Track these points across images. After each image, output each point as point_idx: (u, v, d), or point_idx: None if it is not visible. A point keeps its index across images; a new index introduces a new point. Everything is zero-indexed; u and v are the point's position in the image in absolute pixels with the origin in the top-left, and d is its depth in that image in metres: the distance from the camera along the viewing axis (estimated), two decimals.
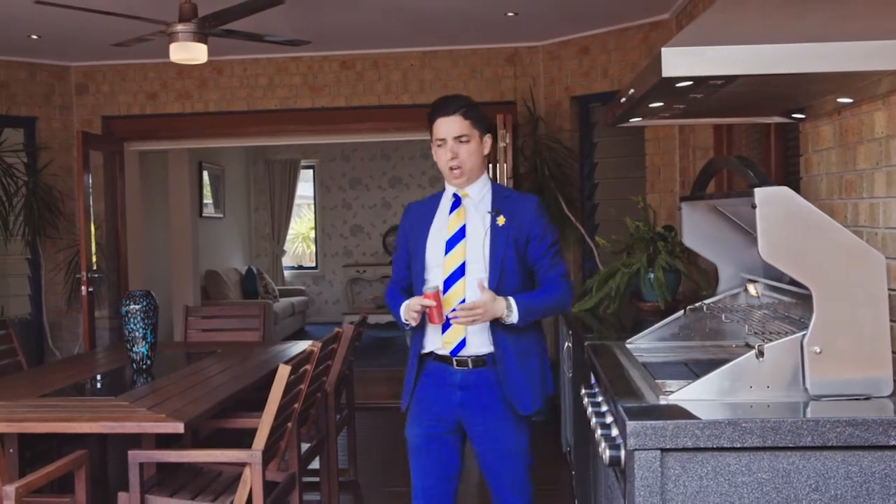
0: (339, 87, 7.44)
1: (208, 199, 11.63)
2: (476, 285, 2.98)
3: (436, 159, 3.17)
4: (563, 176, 6.85)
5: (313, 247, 14.24)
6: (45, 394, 4.04)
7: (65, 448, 4.59)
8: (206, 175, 11.45)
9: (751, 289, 3.14)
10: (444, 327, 3.06)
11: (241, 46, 6.29)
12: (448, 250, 3.08)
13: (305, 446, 4.35)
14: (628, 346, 3.16)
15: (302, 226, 14.80)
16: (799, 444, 1.99)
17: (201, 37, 4.69)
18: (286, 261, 14.06)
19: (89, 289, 6.91)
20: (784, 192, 2.24)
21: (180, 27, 4.65)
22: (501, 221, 3.07)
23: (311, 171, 13.89)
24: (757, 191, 2.23)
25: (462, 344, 3.07)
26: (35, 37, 6.62)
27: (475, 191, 3.15)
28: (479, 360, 3.08)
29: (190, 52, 4.70)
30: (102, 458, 5.23)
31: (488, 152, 3.20)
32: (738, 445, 1.99)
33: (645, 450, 1.99)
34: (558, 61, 7.15)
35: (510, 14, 6.26)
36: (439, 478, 3.19)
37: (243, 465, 3.55)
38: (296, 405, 3.87)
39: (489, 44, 7.29)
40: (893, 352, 2.25)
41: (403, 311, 3.07)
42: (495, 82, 7.36)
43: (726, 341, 3.15)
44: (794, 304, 2.74)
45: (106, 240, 7.62)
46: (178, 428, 3.40)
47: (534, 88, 7.17)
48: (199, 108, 7.62)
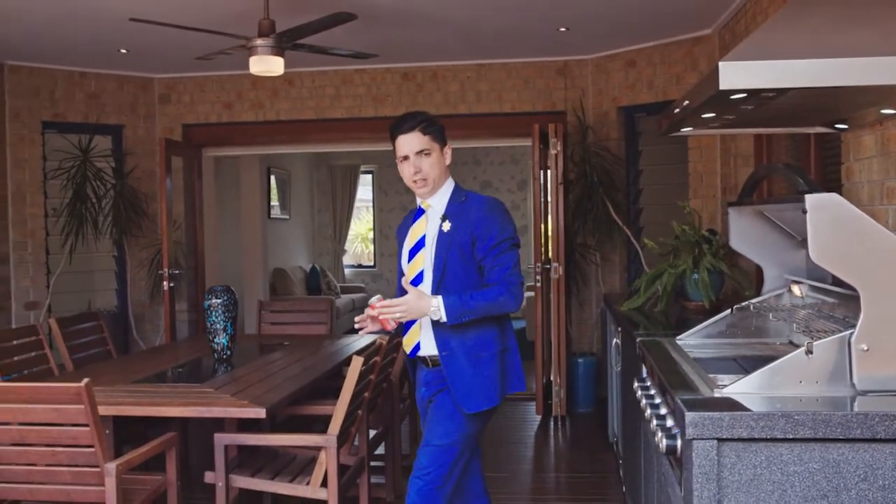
0: (401, 97, 7.49)
1: (275, 202, 11.77)
2: (404, 283, 3.06)
3: (401, 174, 3.16)
4: (610, 182, 6.84)
5: (372, 246, 14.33)
6: (137, 380, 4.15)
7: (149, 431, 4.71)
8: (273, 179, 11.59)
9: (795, 289, 3.13)
10: (404, 331, 3.18)
11: (310, 59, 6.37)
12: (410, 259, 3.15)
13: (372, 433, 4.40)
14: (678, 342, 3.16)
15: (361, 227, 14.92)
16: (849, 436, 1.98)
17: (278, 50, 4.77)
18: (347, 259, 14.17)
19: (170, 284, 7.03)
20: (833, 198, 2.23)
21: (259, 42, 4.73)
22: (447, 227, 3.07)
23: (370, 175, 13.99)
24: (808, 197, 2.23)
25: (418, 346, 3.15)
26: (124, 51, 6.76)
27: (436, 200, 3.15)
28: (434, 359, 3.12)
29: (268, 65, 4.78)
30: (184, 440, 5.34)
31: (449, 162, 3.18)
32: (791, 437, 1.98)
33: (703, 439, 2.00)
34: (606, 74, 7.14)
35: (562, 30, 6.27)
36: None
37: (318, 448, 3.62)
38: (366, 394, 3.92)
39: (541, 57, 7.29)
40: None
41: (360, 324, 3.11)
42: (546, 93, 7.36)
43: (771, 339, 3.14)
44: (837, 304, 2.73)
45: (185, 239, 7.75)
46: (261, 413, 3.47)
47: (583, 99, 7.16)
48: (271, 116, 7.73)
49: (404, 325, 3.14)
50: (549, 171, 6.64)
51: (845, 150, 3.31)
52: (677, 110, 2.85)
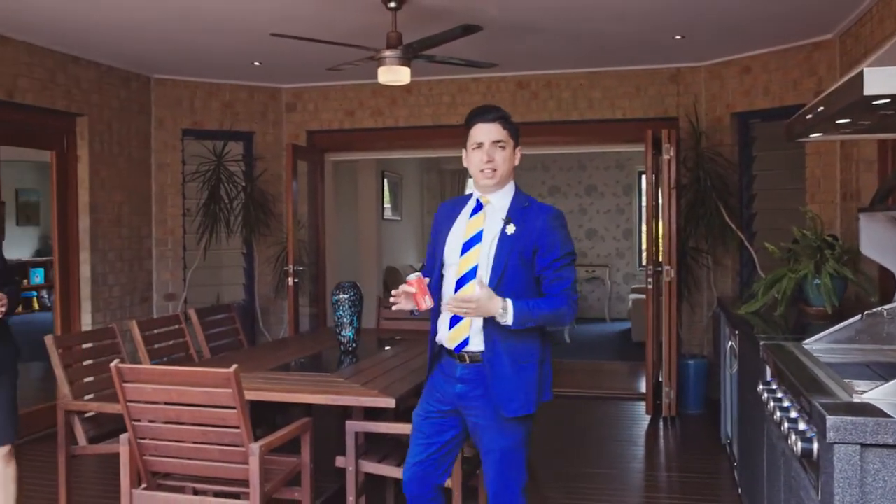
0: (515, 104, 7.49)
1: (387, 204, 11.94)
2: (477, 282, 2.90)
3: (466, 163, 3.10)
4: (723, 186, 6.68)
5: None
6: (272, 368, 4.27)
7: (277, 416, 4.84)
8: (386, 182, 11.76)
9: None
10: (452, 324, 3.03)
11: (428, 68, 6.42)
12: (464, 252, 3.01)
13: None
14: (805, 346, 3.06)
15: None
16: None
17: (405, 61, 4.84)
18: None
19: (294, 280, 7.22)
20: None
21: (388, 53, 4.81)
22: (511, 230, 2.96)
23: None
24: None
25: (465, 342, 3.02)
26: (257, 63, 6.98)
27: (497, 198, 3.05)
28: (474, 356, 3.01)
29: (395, 75, 4.86)
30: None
31: (517, 164, 3.09)
32: None
33: (845, 444, 1.93)
34: (720, 80, 6.97)
35: (678, 38, 6.16)
36: (420, 455, 3.15)
37: None
38: None
39: (654, 64, 7.18)
40: None
41: (394, 300, 3.05)
42: (658, 100, 7.25)
43: None
44: None
45: (308, 238, 7.94)
46: (391, 403, 3.52)
47: (696, 105, 7.02)
48: (390, 123, 7.84)
49: (451, 320, 3.03)
50: (661, 176, 6.54)
51: None
52: (810, 116, 2.77)
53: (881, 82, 2.07)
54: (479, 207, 3.06)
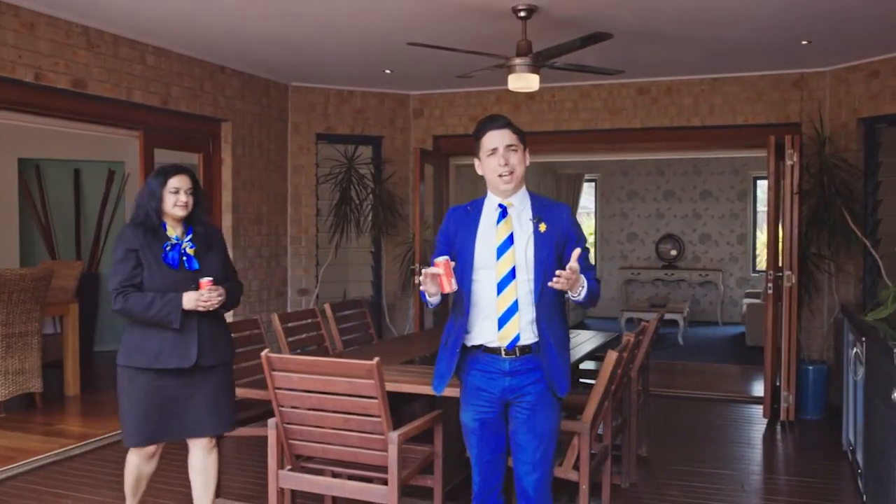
0: (636, 110, 7.40)
1: None
2: (521, 285, 2.99)
3: (482, 171, 3.12)
4: (847, 192, 6.40)
5: (592, 250, 14.24)
6: (405, 361, 4.36)
7: (403, 407, 4.92)
8: None
9: None
10: (501, 324, 3.02)
11: (551, 75, 6.41)
12: (499, 256, 3.03)
13: None
14: None
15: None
16: None
17: (535, 68, 4.85)
18: None
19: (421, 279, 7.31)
20: None
21: (518, 61, 4.83)
22: (543, 228, 3.05)
23: (592, 184, 13.91)
24: None
25: (517, 338, 3.04)
26: (388, 71, 7.13)
27: (518, 200, 3.10)
28: (525, 348, 3.05)
29: (525, 82, 4.87)
30: None
31: (527, 165, 3.12)
32: None
33: None
34: (846, 84, 6.69)
35: (804, 43, 5.94)
36: (491, 454, 3.17)
37: (572, 433, 3.65)
38: (612, 386, 3.91)
39: (776, 70, 6.95)
40: None
41: (422, 282, 3.02)
42: (781, 105, 7.01)
43: None
44: None
45: (432, 237, 8.04)
46: None
47: (821, 110, 6.75)
48: None
49: (500, 320, 3.03)
50: (783, 182, 6.32)
51: None
52: None
53: None
54: (505, 212, 3.09)
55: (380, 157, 8.08)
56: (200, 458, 3.81)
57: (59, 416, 6.53)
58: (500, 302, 3.03)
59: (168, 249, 3.59)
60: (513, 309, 3.02)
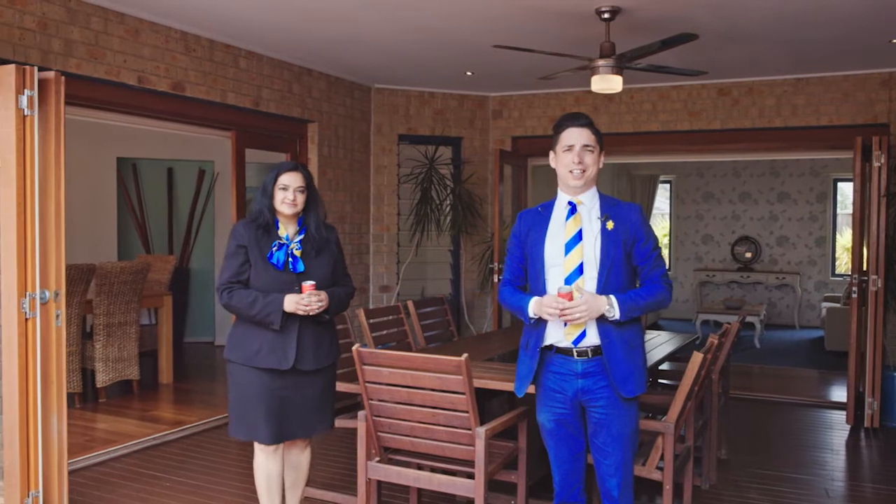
0: (716, 111, 7.24)
1: None
2: (574, 288, 2.93)
3: (555, 165, 3.11)
4: None
5: (666, 251, 14.00)
6: (486, 358, 4.36)
7: (483, 404, 4.92)
8: None
9: None
10: (565, 322, 2.98)
11: (629, 76, 6.33)
12: (567, 252, 3.02)
13: None
14: None
15: (656, 233, 14.64)
16: None
17: (618, 70, 4.79)
18: None
19: (499, 277, 7.32)
20: None
21: (601, 62, 4.78)
22: (611, 226, 3.03)
23: (667, 185, 13.68)
24: None
25: (582, 335, 3.00)
26: (469, 73, 7.14)
27: (587, 198, 3.08)
28: (597, 349, 3.01)
29: (608, 83, 4.82)
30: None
31: (601, 167, 3.10)
32: None
33: None
34: None
35: (894, 41, 5.73)
36: (570, 454, 3.16)
37: (656, 433, 3.60)
38: (696, 387, 3.84)
39: (864, 69, 6.72)
40: None
41: (536, 307, 2.99)
42: (868, 106, 6.77)
43: None
44: None
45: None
46: None
47: None
48: None
49: None
50: (869, 184, 6.11)
51: None
52: None
53: None
54: (574, 209, 3.08)
55: (459, 158, 8.09)
56: (295, 454, 3.80)
57: (154, 403, 6.74)
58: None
59: (275, 249, 3.51)
60: None
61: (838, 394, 7.28)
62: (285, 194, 3.50)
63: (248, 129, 6.45)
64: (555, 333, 3.06)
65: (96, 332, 6.62)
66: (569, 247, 3.03)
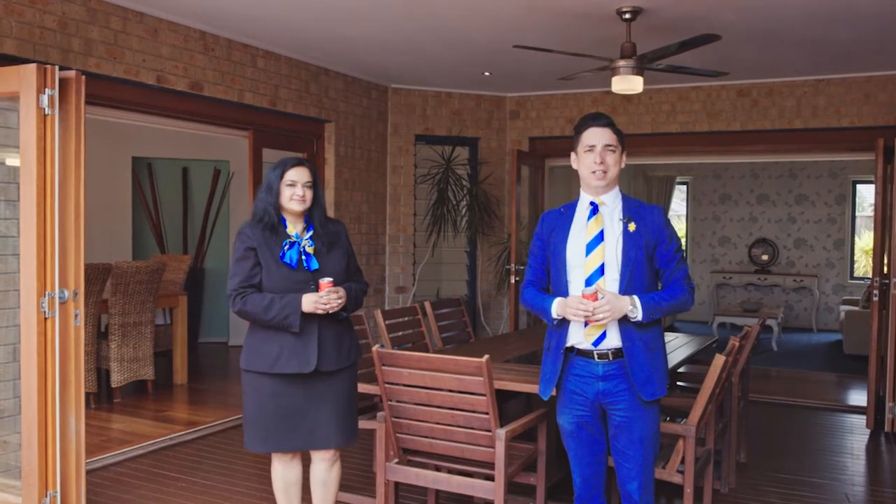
0: (735, 112, 7.21)
1: None
2: (596, 288, 2.91)
3: (577, 165, 3.11)
4: None
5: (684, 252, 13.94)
6: (506, 359, 4.35)
7: (500, 405, 4.90)
8: None
9: None
10: (586, 322, 2.96)
11: (648, 77, 6.28)
12: (588, 252, 3.01)
13: None
14: None
15: None
16: None
17: (639, 70, 4.77)
18: None
19: (516, 278, 7.29)
20: None
21: (622, 63, 4.76)
22: (632, 228, 3.01)
23: (684, 186, 13.62)
24: None
25: (602, 336, 2.98)
26: (487, 74, 7.13)
27: (610, 199, 3.07)
28: (618, 351, 2.99)
29: (629, 84, 4.80)
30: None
31: (623, 167, 3.11)
32: None
33: None
34: None
35: None
36: (591, 457, 3.15)
37: (677, 436, 3.58)
38: (717, 390, 3.82)
39: (886, 70, 6.67)
40: None
41: (560, 308, 2.98)
42: (890, 107, 6.72)
43: None
44: None
45: (528, 238, 8.01)
46: None
47: None
48: None
49: None
50: (891, 186, 6.05)
51: None
52: None
53: None
54: (595, 209, 3.07)
55: (476, 158, 8.08)
56: (323, 470, 3.61)
57: (169, 404, 6.76)
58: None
59: (286, 248, 3.39)
60: None
61: (857, 398, 7.22)
62: (294, 190, 3.39)
63: (266, 129, 6.46)
64: (576, 335, 3.05)
65: (111, 332, 6.65)
66: (590, 247, 3.02)
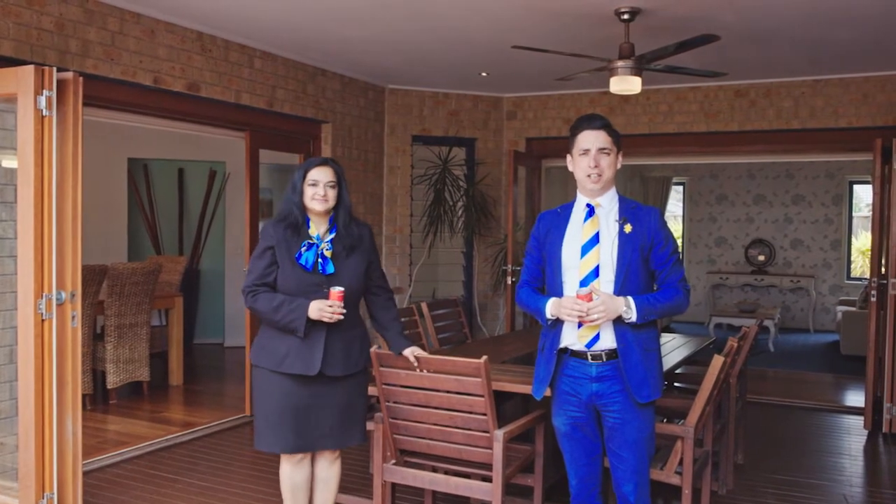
0: (733, 113, 7.23)
1: None
2: (591, 289, 2.92)
3: (573, 168, 3.11)
4: None
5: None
6: (503, 360, 4.36)
7: (498, 406, 4.91)
8: None
9: None
10: (580, 324, 2.98)
11: (646, 77, 6.29)
12: (584, 254, 3.02)
13: None
14: None
15: None
16: None
17: (637, 71, 4.79)
18: None
19: (512, 279, 7.29)
20: None
21: (620, 63, 4.78)
22: (628, 229, 3.01)
23: (680, 187, 13.65)
24: None
25: (596, 338, 2.99)
26: (484, 74, 7.15)
27: (606, 201, 3.08)
28: (611, 353, 3.00)
29: (627, 84, 4.82)
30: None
31: (619, 168, 3.10)
32: None
33: None
34: None
35: None
36: (587, 458, 3.16)
37: (674, 437, 3.59)
38: (714, 391, 3.83)
39: (884, 70, 6.68)
40: None
41: (554, 308, 3.00)
42: (888, 108, 6.74)
43: None
44: None
45: (524, 238, 8.02)
46: None
47: None
48: None
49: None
50: (889, 186, 6.08)
51: None
52: None
53: None
54: (592, 211, 3.08)
55: (473, 159, 8.09)
56: (324, 468, 3.66)
57: (165, 405, 6.76)
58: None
59: (304, 249, 3.38)
60: None
61: (855, 398, 7.25)
62: (315, 190, 3.39)
63: (262, 130, 6.47)
64: (569, 336, 3.07)
65: (107, 334, 6.65)
66: (585, 249, 3.04)
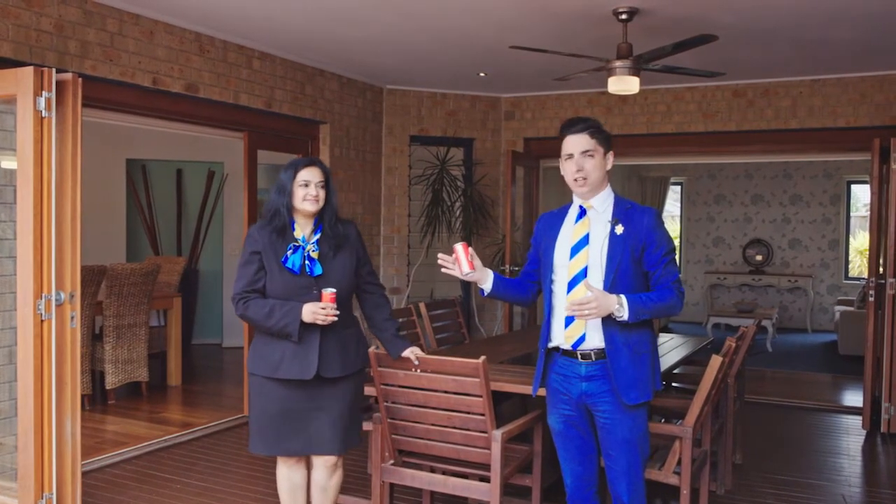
0: (731, 113, 7.24)
1: None
2: (585, 284, 2.95)
3: (562, 172, 3.11)
4: None
5: (676, 254, 13.96)
6: (501, 361, 4.38)
7: (496, 406, 4.92)
8: None
9: None
10: (567, 323, 3.00)
11: (644, 77, 6.30)
12: (573, 255, 3.04)
13: None
14: None
15: None
16: None
17: (635, 71, 4.80)
18: None
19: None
20: None
21: (618, 63, 4.79)
22: (619, 230, 3.01)
23: (678, 187, 13.67)
24: None
25: (582, 338, 3.00)
26: (482, 74, 7.15)
27: (598, 202, 3.08)
28: (600, 352, 3.00)
29: (625, 84, 4.83)
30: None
31: (610, 168, 3.09)
32: None
33: None
34: None
35: None
36: (581, 456, 3.16)
37: (672, 437, 3.60)
38: (712, 391, 3.84)
39: (882, 70, 6.70)
40: None
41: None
42: (886, 107, 6.76)
43: None
44: None
45: (522, 239, 8.04)
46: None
47: None
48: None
49: (567, 318, 3.01)
50: (888, 186, 6.09)
51: None
52: None
53: None
54: (583, 213, 3.10)
55: (471, 159, 8.10)
56: (324, 476, 3.56)
57: (163, 405, 6.77)
58: (569, 298, 2.99)
59: (290, 252, 3.34)
60: None
61: (853, 398, 7.27)
62: (307, 190, 3.34)
63: (261, 130, 6.47)
64: (558, 335, 3.09)
65: (106, 334, 6.65)
66: (574, 250, 3.06)
